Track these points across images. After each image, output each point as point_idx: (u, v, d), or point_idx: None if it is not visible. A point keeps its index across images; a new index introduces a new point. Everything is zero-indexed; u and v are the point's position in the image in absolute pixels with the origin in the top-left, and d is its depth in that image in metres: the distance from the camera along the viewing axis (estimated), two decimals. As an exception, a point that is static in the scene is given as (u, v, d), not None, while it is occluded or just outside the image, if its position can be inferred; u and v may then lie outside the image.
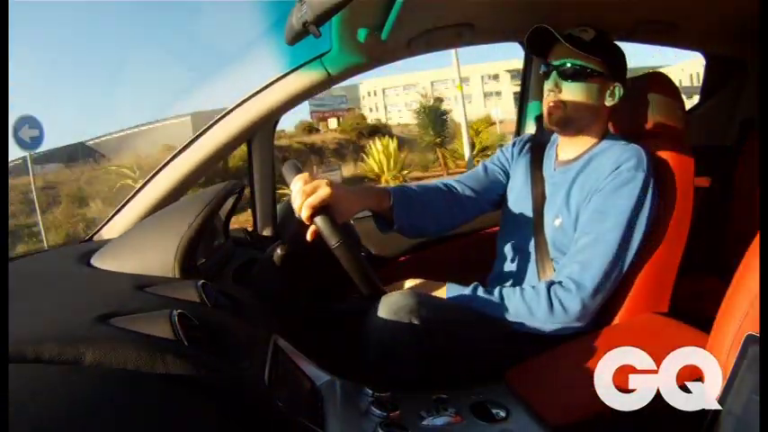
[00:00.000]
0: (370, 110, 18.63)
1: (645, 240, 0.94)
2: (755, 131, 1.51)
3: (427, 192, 1.06)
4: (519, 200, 1.09)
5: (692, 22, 1.29)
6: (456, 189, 1.10)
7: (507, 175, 1.14)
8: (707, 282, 1.26)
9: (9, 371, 0.41)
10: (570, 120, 0.99)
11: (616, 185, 0.92)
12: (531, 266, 1.02)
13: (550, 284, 0.91)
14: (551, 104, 0.99)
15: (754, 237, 0.65)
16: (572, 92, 0.98)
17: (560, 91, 0.98)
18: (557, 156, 1.07)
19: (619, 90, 1.00)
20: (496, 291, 0.93)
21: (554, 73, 0.99)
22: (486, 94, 17.88)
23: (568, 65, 0.97)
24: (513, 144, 1.17)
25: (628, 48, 1.07)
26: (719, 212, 1.48)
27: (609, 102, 1.00)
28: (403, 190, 1.03)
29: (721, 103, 1.60)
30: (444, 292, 0.97)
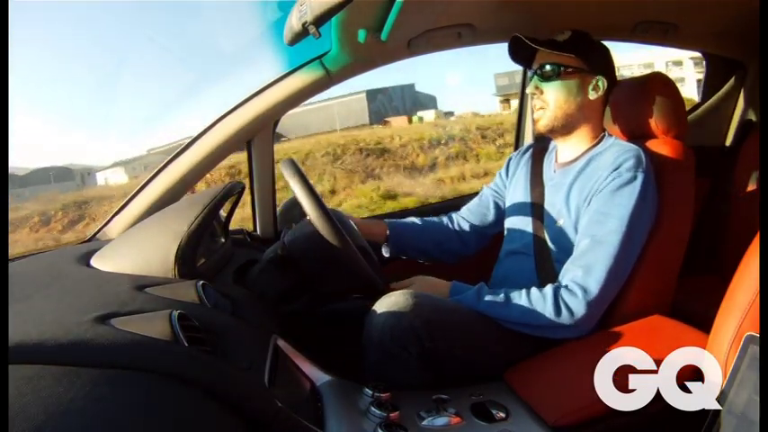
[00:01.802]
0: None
1: (646, 241, 0.94)
2: (755, 132, 1.51)
3: (427, 225, 1.21)
4: (520, 203, 1.09)
5: (692, 23, 1.29)
6: (456, 224, 1.22)
7: (504, 198, 1.19)
8: (707, 282, 1.26)
9: (9, 371, 0.41)
10: (556, 119, 1.01)
11: (616, 186, 0.92)
12: (532, 268, 1.01)
13: (557, 288, 0.90)
14: (536, 108, 1.03)
15: (753, 237, 0.65)
16: (552, 91, 1.00)
17: (541, 92, 1.01)
18: (556, 158, 1.08)
19: (602, 83, 1.00)
20: (502, 292, 0.92)
21: (534, 77, 1.02)
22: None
23: (546, 67, 1.00)
24: (510, 159, 1.21)
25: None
26: (719, 212, 1.48)
27: (593, 95, 1.00)
28: (399, 225, 1.19)
29: (721, 104, 1.60)
30: (448, 289, 0.97)
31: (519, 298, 0.91)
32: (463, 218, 1.22)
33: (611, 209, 0.91)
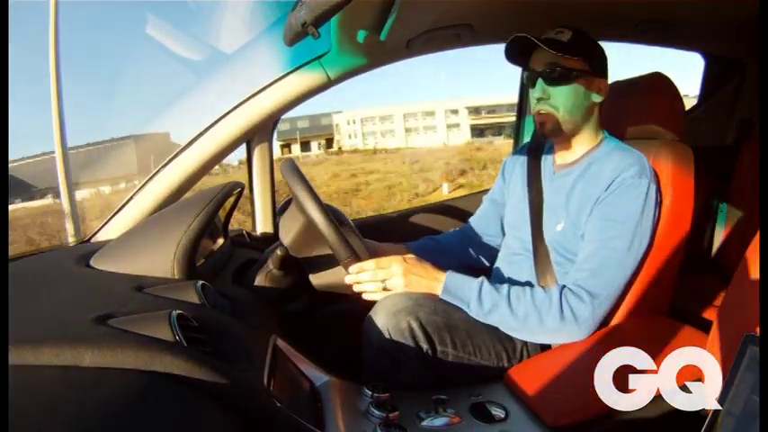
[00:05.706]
0: (349, 137, 22.87)
1: (648, 243, 0.94)
2: (755, 131, 1.51)
3: (446, 239, 1.21)
4: (517, 204, 1.09)
5: (691, 23, 1.29)
6: (467, 238, 1.21)
7: (504, 203, 1.18)
8: (707, 282, 1.26)
9: (9, 371, 0.41)
10: (565, 124, 0.98)
11: (621, 193, 0.91)
12: (531, 270, 1.01)
13: (562, 292, 0.89)
14: (543, 113, 0.98)
15: (753, 237, 0.65)
16: (561, 96, 0.96)
17: (549, 97, 0.97)
18: (554, 159, 1.07)
19: (604, 85, 0.99)
20: (504, 289, 0.91)
21: (539, 80, 0.97)
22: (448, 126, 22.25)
23: (554, 70, 0.95)
24: (506, 162, 1.20)
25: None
26: (719, 212, 1.48)
27: (597, 99, 0.99)
28: (418, 248, 1.14)
29: (721, 104, 1.60)
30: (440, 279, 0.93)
31: (524, 297, 0.89)
32: (472, 230, 1.21)
33: (617, 215, 0.91)
